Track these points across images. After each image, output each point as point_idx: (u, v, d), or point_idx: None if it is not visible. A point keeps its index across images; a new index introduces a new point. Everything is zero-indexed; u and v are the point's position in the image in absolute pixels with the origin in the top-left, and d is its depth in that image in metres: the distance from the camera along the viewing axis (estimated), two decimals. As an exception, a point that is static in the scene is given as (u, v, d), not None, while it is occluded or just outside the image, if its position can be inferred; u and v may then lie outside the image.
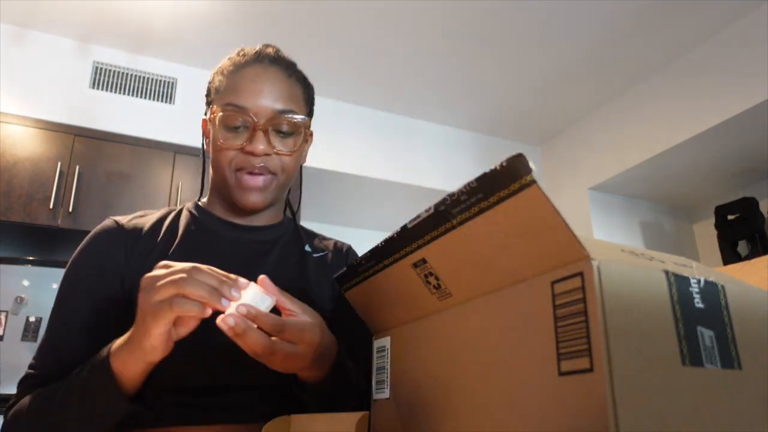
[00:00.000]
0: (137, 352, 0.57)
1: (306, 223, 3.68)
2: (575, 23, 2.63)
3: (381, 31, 2.69)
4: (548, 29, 2.68)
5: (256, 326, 0.55)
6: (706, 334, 0.38)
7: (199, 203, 0.89)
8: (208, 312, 0.54)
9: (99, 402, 0.61)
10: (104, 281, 0.75)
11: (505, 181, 0.38)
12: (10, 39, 2.63)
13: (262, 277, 0.59)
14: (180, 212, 0.86)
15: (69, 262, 0.79)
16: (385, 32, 2.70)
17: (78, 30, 2.68)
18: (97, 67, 2.77)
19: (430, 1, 2.49)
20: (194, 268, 0.55)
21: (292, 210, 0.98)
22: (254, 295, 0.56)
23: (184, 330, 0.57)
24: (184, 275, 0.54)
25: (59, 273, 2.19)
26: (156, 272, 0.56)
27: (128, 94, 2.78)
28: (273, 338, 0.56)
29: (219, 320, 0.53)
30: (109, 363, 0.60)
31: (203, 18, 2.60)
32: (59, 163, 2.42)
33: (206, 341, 0.68)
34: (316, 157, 3.02)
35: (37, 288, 2.20)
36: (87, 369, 0.63)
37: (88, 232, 0.81)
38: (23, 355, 2.08)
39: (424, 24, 2.64)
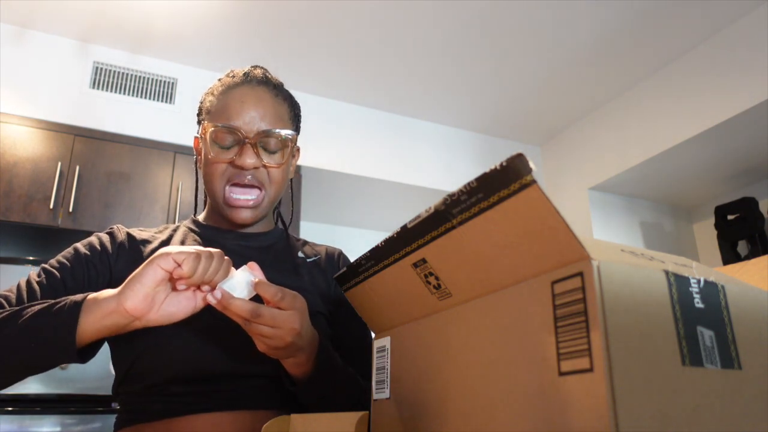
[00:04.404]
0: (115, 295, 0.60)
1: (306, 223, 3.69)
2: (575, 23, 2.63)
3: (381, 32, 2.69)
4: (548, 29, 2.68)
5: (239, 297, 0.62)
6: (706, 334, 0.38)
7: (196, 219, 0.94)
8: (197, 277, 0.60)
9: (52, 327, 0.61)
10: (93, 263, 0.82)
11: (506, 181, 0.38)
12: (10, 39, 2.62)
13: (251, 263, 0.65)
14: (178, 227, 0.92)
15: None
16: (385, 32, 2.70)
17: (78, 30, 2.68)
18: (97, 67, 2.76)
19: (430, 1, 2.49)
20: (205, 251, 0.62)
21: (284, 223, 1.01)
22: (244, 278, 0.64)
23: (173, 307, 0.61)
24: (193, 252, 0.61)
25: (59, 273, 2.17)
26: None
27: (128, 94, 2.78)
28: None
29: (207, 297, 0.62)
30: (83, 299, 0.62)
31: (203, 18, 2.60)
32: (59, 163, 2.42)
33: (214, 331, 0.70)
34: (316, 157, 3.03)
35: (37, 288, 2.20)
36: (61, 301, 0.63)
37: (89, 232, 0.84)
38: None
39: (424, 24, 2.64)
